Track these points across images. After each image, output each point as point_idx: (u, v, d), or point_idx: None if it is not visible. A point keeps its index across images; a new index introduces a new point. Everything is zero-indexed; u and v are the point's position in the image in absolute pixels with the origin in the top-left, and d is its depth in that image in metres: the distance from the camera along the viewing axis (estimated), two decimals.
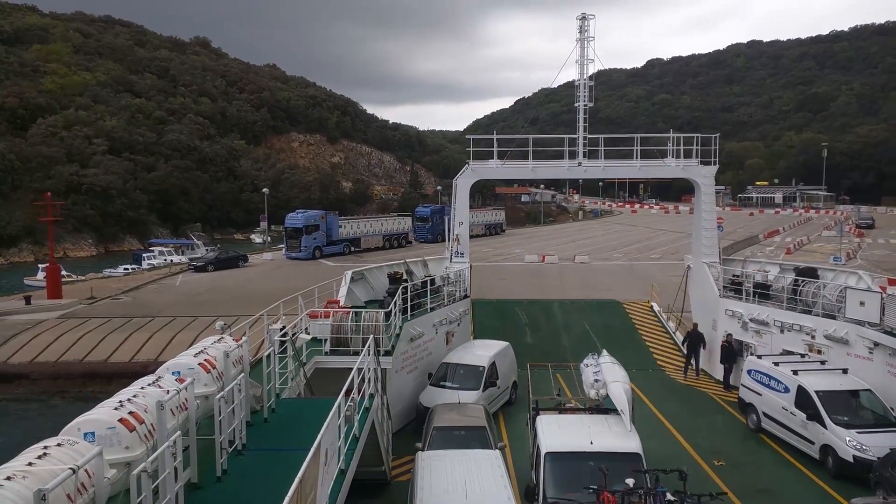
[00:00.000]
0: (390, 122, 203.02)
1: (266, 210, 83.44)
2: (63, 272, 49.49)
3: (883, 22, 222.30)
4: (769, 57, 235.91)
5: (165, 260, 65.85)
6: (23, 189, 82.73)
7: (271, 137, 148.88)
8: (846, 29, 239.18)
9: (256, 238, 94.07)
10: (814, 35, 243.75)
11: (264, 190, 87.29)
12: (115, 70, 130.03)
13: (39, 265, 55.69)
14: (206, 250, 69.55)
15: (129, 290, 48.31)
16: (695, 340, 26.86)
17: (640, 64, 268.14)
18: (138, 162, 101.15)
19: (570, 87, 31.97)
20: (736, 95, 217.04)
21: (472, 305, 28.93)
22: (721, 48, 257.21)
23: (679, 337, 29.83)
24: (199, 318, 36.66)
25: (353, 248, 70.16)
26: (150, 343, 33.05)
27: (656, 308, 33.91)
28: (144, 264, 63.68)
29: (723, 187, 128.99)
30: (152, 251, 69.24)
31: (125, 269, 61.19)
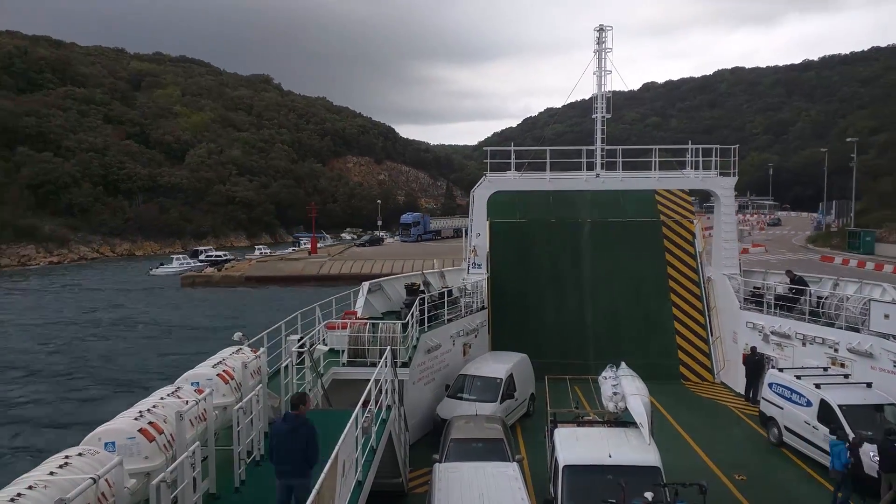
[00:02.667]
0: (424, 144, 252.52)
1: (379, 213, 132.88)
2: (266, 250, 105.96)
3: (847, 53, 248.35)
4: (748, 83, 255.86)
5: (301, 246, 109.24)
6: (204, 203, 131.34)
7: (332, 160, 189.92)
8: (816, 59, 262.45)
9: (346, 236, 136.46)
10: (787, 63, 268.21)
11: (378, 201, 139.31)
12: (217, 108, 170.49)
13: (258, 247, 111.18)
14: (334, 239, 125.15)
15: (339, 253, 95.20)
16: (754, 367, 24.77)
17: (636, 87, 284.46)
18: (258, 182, 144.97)
19: (572, 107, 32.15)
20: (716, 119, 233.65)
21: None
22: (709, 73, 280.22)
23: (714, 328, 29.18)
24: (388, 260, 78.98)
25: (438, 237, 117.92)
26: (366, 266, 75.87)
27: None
28: (301, 246, 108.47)
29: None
30: (301, 238, 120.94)
31: (293, 249, 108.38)
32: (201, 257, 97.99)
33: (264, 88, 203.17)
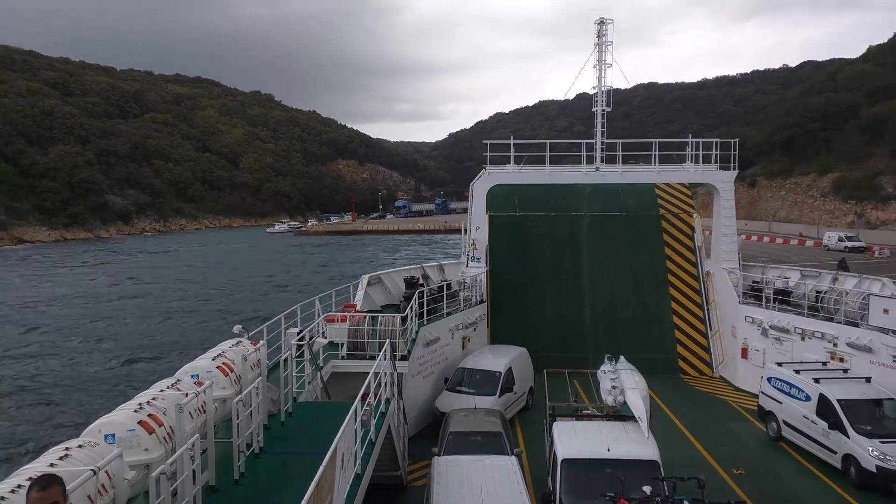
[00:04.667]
0: (395, 149, 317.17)
1: (381, 201, 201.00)
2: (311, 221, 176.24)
3: (735, 74, 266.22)
4: (656, 98, 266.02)
5: (340, 219, 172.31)
6: (260, 194, 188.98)
7: (329, 163, 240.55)
8: (710, 78, 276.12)
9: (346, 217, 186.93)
10: (688, 81, 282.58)
11: (381, 192, 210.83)
12: (244, 125, 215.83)
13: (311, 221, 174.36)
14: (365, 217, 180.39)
15: (365, 222, 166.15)
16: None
17: (571, 96, 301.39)
18: (288, 180, 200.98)
19: (541, 106, 32.21)
20: (625, 129, 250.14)
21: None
22: (629, 87, 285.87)
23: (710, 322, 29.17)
24: (392, 225, 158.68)
25: (418, 215, 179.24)
26: (382, 225, 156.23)
27: None
28: (333, 220, 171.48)
29: None
30: (329, 216, 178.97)
31: (338, 219, 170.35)
32: (292, 223, 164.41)
33: (270, 105, 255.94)
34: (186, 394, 10.57)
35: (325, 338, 18.86)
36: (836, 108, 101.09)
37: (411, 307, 21.43)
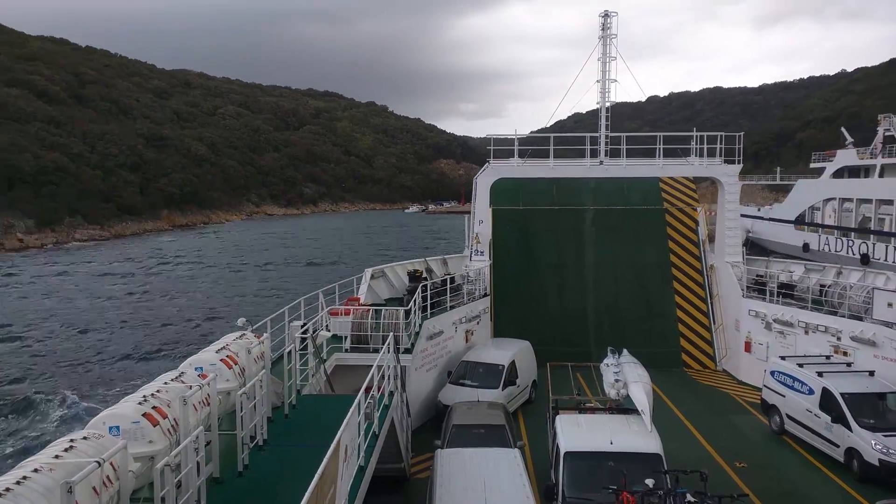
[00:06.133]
0: (483, 148, 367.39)
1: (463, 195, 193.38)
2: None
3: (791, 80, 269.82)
4: (717, 102, 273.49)
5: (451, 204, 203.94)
6: (393, 186, 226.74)
7: (434, 162, 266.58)
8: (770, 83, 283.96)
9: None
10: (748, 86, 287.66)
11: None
12: (372, 133, 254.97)
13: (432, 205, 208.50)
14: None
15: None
16: None
17: (643, 98, 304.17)
18: (410, 176, 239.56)
19: (614, 108, 32.12)
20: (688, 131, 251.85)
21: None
22: (696, 90, 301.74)
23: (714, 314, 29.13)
24: None
25: None
26: None
27: None
28: (445, 205, 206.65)
29: None
30: (443, 202, 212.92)
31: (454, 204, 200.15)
32: (420, 206, 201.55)
33: (386, 115, 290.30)
34: (191, 386, 10.61)
35: (329, 331, 18.93)
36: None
37: (415, 300, 21.45)
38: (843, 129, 68.13)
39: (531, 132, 33.28)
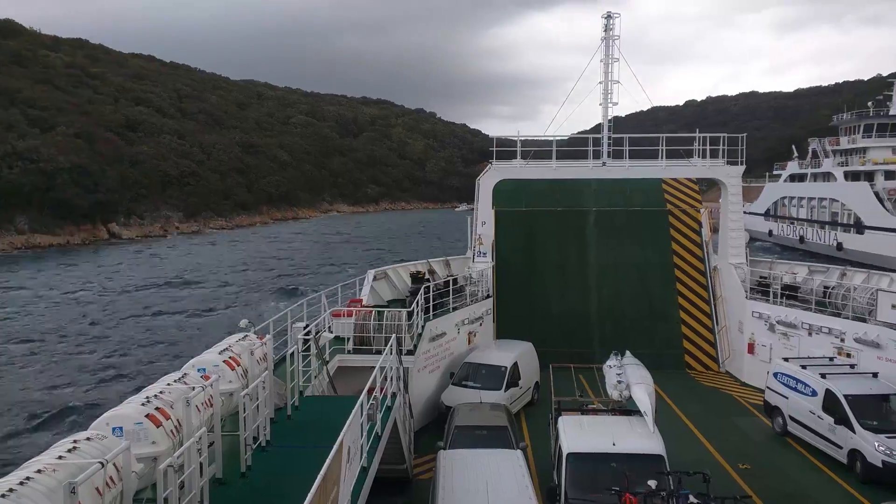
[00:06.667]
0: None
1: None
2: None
3: (825, 84, 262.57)
4: (752, 108, 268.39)
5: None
6: (442, 185, 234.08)
7: (480, 164, 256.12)
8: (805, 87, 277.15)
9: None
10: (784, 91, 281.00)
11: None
12: (422, 139, 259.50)
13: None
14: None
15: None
16: None
17: (681, 102, 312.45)
18: (458, 178, 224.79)
19: (653, 111, 32.19)
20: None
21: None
22: (732, 94, 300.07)
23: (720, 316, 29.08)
24: None
25: None
26: None
27: None
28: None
29: None
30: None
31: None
32: (469, 205, 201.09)
33: (434, 122, 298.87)
34: (193, 387, 10.63)
35: (332, 332, 18.95)
36: None
37: (417, 302, 21.46)
38: (793, 146, 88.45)
39: (572, 135, 33.35)
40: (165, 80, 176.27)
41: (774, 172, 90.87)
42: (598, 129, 36.02)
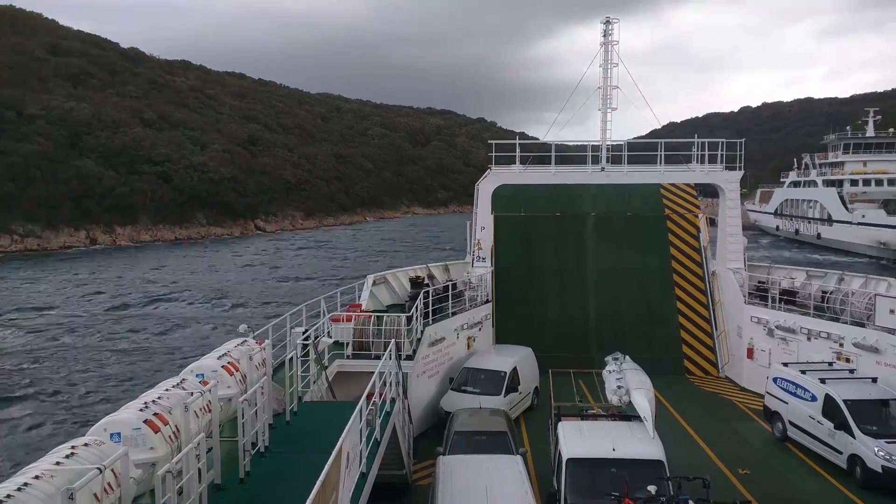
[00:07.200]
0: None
1: None
2: None
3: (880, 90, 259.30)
4: (806, 113, 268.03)
5: None
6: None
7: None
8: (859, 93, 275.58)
9: None
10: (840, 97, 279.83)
11: None
12: (482, 146, 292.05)
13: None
14: None
15: None
16: None
17: (736, 108, 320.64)
18: None
19: (708, 118, 32.42)
20: (771, 142, 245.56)
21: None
22: (787, 101, 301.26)
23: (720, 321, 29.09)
24: None
25: None
26: None
27: None
28: None
29: None
30: None
31: None
32: None
33: (494, 130, 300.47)
34: (192, 393, 10.61)
35: (331, 337, 18.91)
36: None
37: (416, 307, 21.44)
38: (795, 159, 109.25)
39: (634, 138, 33.42)
40: (260, 97, 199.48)
41: (780, 180, 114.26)
42: (652, 134, 36.15)
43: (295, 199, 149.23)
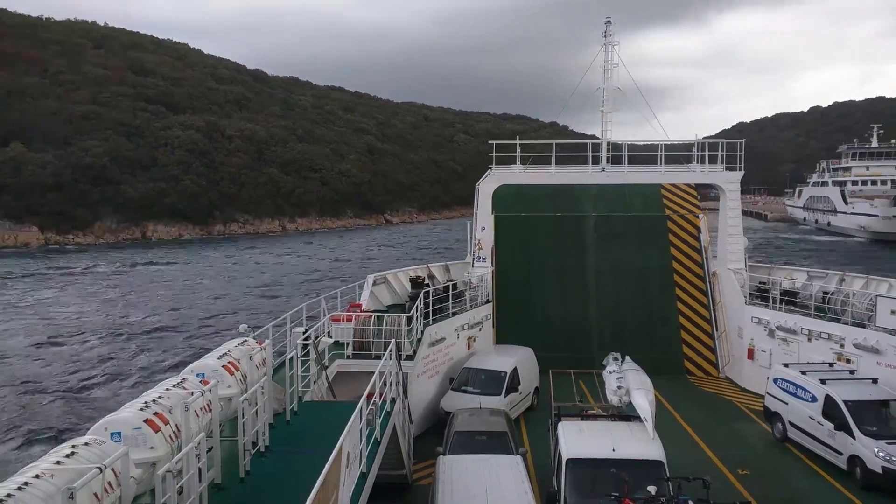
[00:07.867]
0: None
1: None
2: None
3: None
4: (875, 113, 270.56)
5: None
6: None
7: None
8: None
9: None
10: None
11: None
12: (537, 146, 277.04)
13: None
14: None
15: None
16: None
17: (805, 108, 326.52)
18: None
19: (777, 118, 32.19)
20: (837, 140, 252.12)
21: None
22: (842, 101, 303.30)
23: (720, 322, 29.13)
24: None
25: None
26: None
27: None
28: None
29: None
30: None
31: None
32: None
33: (567, 134, 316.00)
34: (192, 392, 10.62)
35: (331, 337, 18.92)
36: None
37: (417, 307, 21.45)
38: (816, 163, 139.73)
39: (704, 138, 33.25)
40: (362, 109, 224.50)
41: (807, 180, 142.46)
42: (722, 134, 36.09)
43: (410, 197, 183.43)
